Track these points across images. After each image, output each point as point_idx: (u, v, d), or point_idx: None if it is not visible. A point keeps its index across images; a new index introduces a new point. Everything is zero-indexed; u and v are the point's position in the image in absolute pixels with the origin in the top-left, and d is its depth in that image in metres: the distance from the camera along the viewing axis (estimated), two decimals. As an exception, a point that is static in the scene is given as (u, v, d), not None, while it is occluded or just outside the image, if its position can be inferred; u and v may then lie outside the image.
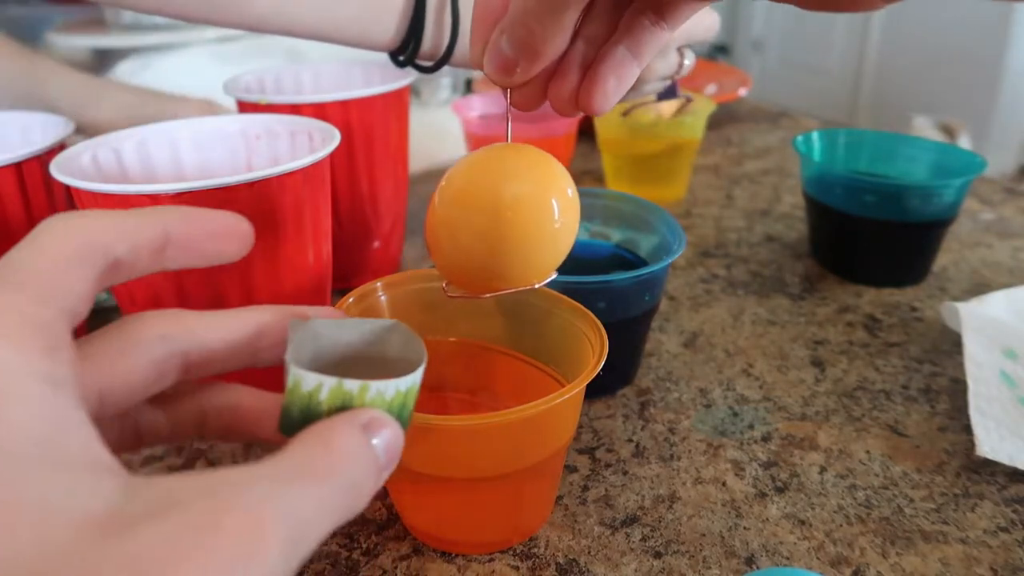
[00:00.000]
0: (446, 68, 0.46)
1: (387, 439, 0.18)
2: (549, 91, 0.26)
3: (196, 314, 0.21)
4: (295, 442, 0.17)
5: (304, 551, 0.15)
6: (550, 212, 0.25)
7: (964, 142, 1.85)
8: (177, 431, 0.22)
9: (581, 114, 0.26)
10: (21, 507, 0.13)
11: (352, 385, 0.19)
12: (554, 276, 0.27)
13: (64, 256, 0.17)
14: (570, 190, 0.26)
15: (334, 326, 0.22)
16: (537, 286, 0.27)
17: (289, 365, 0.19)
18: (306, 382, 0.19)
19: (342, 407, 0.19)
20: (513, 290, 0.27)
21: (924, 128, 1.89)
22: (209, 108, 0.63)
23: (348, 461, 0.17)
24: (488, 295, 0.27)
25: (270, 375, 0.23)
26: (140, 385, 0.19)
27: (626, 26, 0.25)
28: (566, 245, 0.27)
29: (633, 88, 0.47)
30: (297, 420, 0.19)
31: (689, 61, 0.52)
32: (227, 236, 0.21)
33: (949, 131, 1.85)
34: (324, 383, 0.19)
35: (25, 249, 0.17)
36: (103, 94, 0.61)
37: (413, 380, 0.20)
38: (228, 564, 0.13)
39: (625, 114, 0.64)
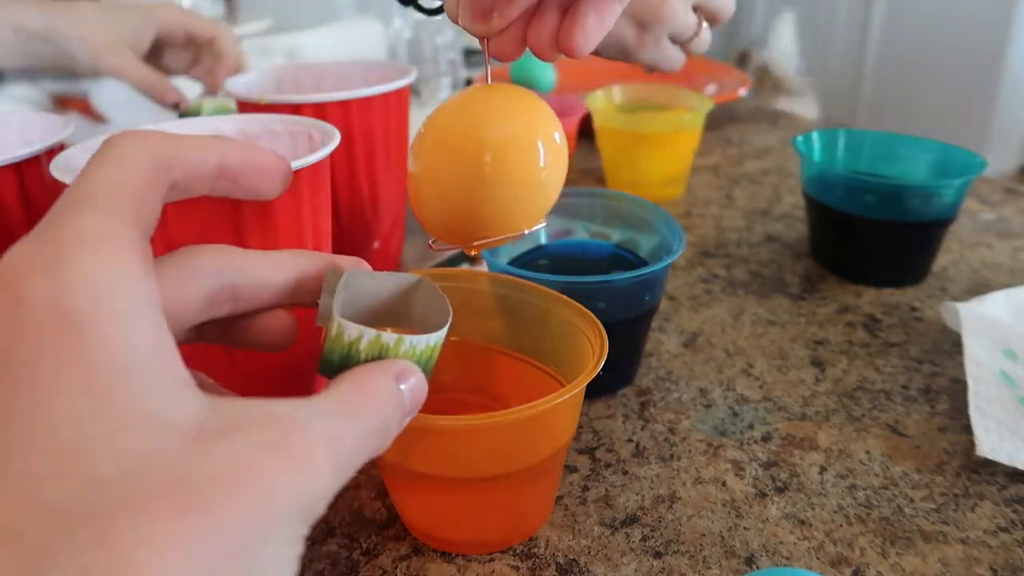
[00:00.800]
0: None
1: (413, 386, 0.20)
2: (528, 35, 0.25)
3: (244, 252, 0.22)
4: (340, 383, 0.19)
5: (346, 476, 0.17)
6: (536, 154, 0.24)
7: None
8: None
9: (561, 56, 0.25)
10: (131, 414, 0.15)
11: (389, 338, 0.21)
12: (543, 224, 0.26)
13: (141, 176, 0.18)
14: (557, 134, 0.25)
15: (366, 277, 0.24)
16: (527, 232, 0.26)
17: (335, 315, 0.20)
18: (348, 332, 0.20)
19: (378, 356, 0.21)
20: (502, 237, 0.26)
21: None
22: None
23: (382, 405, 0.19)
24: (476, 244, 0.26)
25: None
26: (194, 313, 0.20)
27: None
28: (554, 189, 0.26)
29: (649, 45, 0.45)
30: (337, 364, 0.20)
31: (707, 35, 0.49)
32: (270, 173, 0.22)
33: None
34: (364, 334, 0.20)
35: (101, 167, 0.18)
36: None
37: (440, 335, 0.22)
38: (292, 475, 0.15)
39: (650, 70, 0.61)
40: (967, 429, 0.36)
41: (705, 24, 0.48)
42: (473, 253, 0.27)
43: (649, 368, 0.43)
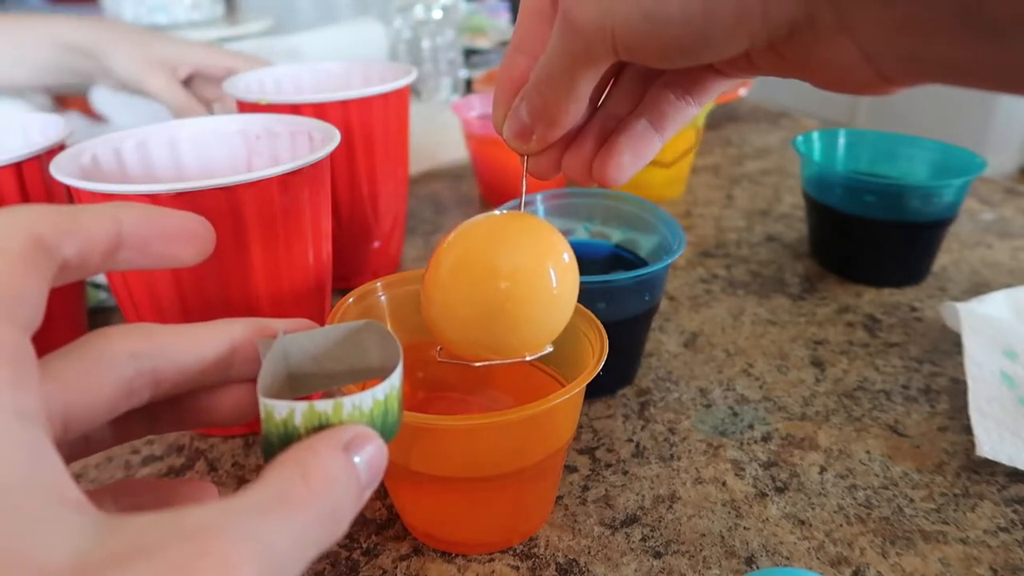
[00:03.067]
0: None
1: (369, 455, 0.17)
2: (565, 160, 0.26)
3: (167, 329, 0.20)
4: (272, 468, 0.16)
5: None
6: (548, 285, 0.25)
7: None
8: (125, 435, 0.21)
9: (595, 185, 0.26)
10: None
11: (325, 405, 0.18)
12: (550, 349, 0.27)
13: (16, 264, 0.15)
14: (566, 255, 0.26)
15: (304, 339, 0.22)
16: (528, 359, 0.27)
17: (259, 395, 0.18)
18: (278, 411, 0.18)
19: (320, 427, 0.18)
20: (505, 361, 0.27)
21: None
22: (255, 61, 0.64)
23: (328, 486, 0.16)
24: (479, 364, 0.27)
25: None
26: (107, 406, 0.18)
27: (651, 100, 0.25)
28: (563, 316, 0.26)
29: None
30: (277, 447, 0.18)
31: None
32: (185, 239, 0.19)
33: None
34: (295, 408, 0.18)
35: None
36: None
37: (391, 385, 0.19)
38: None
39: None
40: (967, 429, 0.36)
41: None
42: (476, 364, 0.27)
43: (649, 368, 0.43)
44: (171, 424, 0.22)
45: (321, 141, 0.37)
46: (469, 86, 0.96)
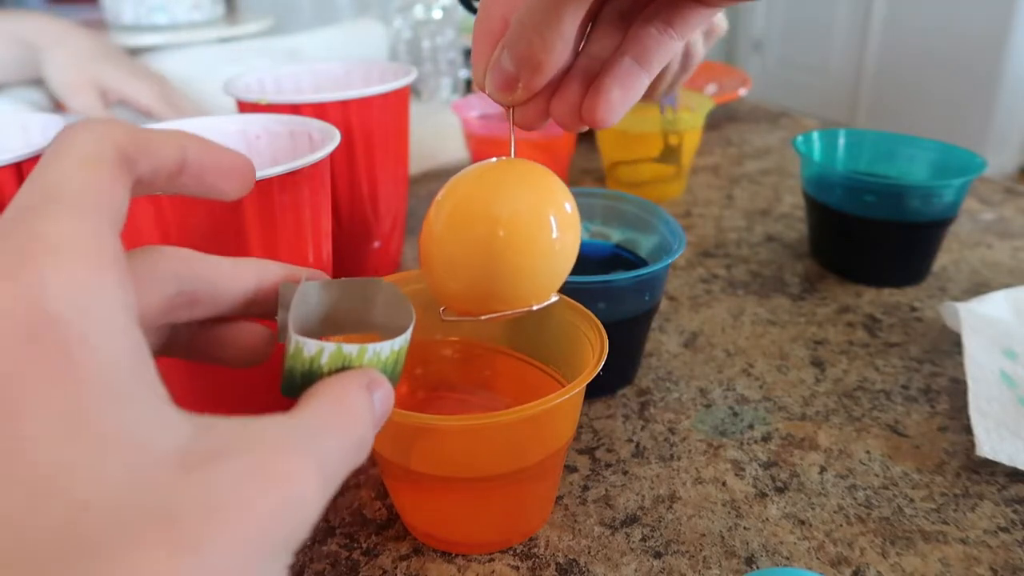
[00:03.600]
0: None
1: (382, 397, 0.20)
2: (552, 106, 0.25)
3: (204, 257, 0.21)
4: (316, 398, 0.18)
5: (331, 493, 0.17)
6: (548, 229, 0.24)
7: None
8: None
9: (585, 128, 0.26)
10: (115, 439, 0.14)
11: (351, 349, 0.20)
12: (555, 298, 0.26)
13: (105, 172, 0.17)
14: (568, 205, 0.25)
15: (323, 288, 0.23)
16: (536, 308, 0.26)
17: (290, 333, 0.20)
18: (308, 348, 0.19)
19: (341, 368, 0.20)
20: (511, 312, 0.26)
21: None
22: (160, 89, 0.64)
23: (360, 417, 0.18)
24: (485, 317, 0.26)
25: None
26: (152, 317, 0.19)
27: (633, 37, 0.24)
28: (566, 263, 0.26)
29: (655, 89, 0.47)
30: (300, 382, 0.20)
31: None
32: (234, 174, 0.21)
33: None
34: (325, 348, 0.20)
35: (61, 164, 0.16)
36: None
37: (404, 339, 0.22)
38: (281, 506, 0.15)
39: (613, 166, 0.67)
40: (967, 429, 0.36)
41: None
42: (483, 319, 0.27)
43: (649, 368, 0.43)
44: (184, 350, 0.23)
45: (321, 141, 0.37)
46: (469, 86, 0.96)
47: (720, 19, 0.54)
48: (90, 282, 0.15)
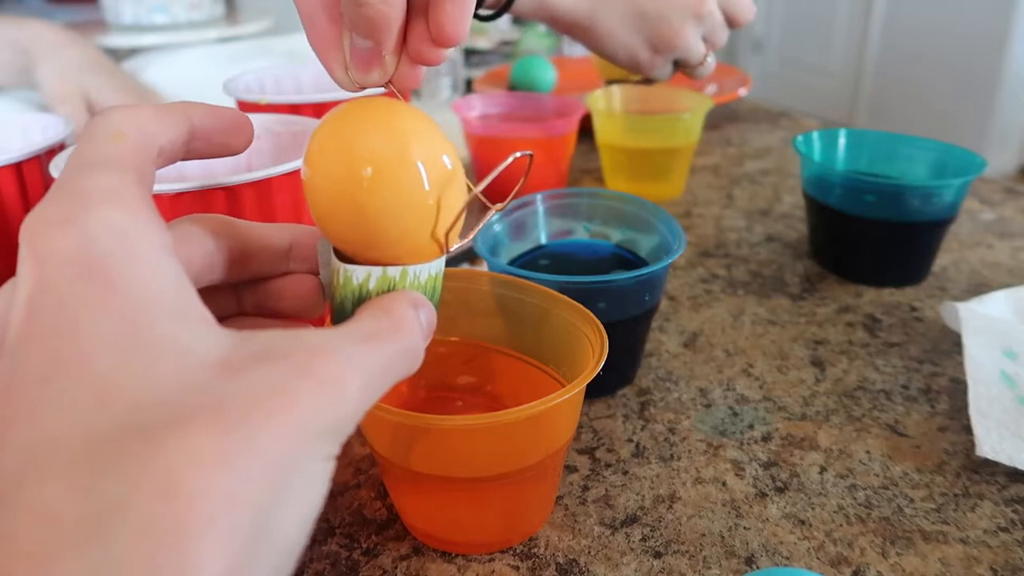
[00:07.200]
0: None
1: (426, 315, 0.21)
2: (408, 47, 0.25)
3: (235, 221, 0.23)
4: (363, 312, 0.20)
5: (374, 398, 0.18)
6: (416, 176, 0.22)
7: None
8: None
9: (444, 52, 0.24)
10: (162, 346, 0.16)
11: (394, 271, 0.22)
12: (435, 261, 0.24)
13: (136, 144, 0.19)
14: (447, 158, 0.22)
15: None
16: (411, 267, 0.23)
17: (338, 265, 0.22)
18: (356, 276, 0.22)
19: (387, 291, 0.22)
20: (391, 267, 0.23)
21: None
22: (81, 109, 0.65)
23: (408, 328, 0.20)
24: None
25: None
26: (199, 269, 0.21)
27: None
28: (443, 222, 0.23)
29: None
30: (351, 310, 0.22)
31: (711, 63, 0.62)
32: (237, 130, 0.22)
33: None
34: (372, 273, 0.22)
35: (97, 140, 0.19)
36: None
37: (440, 263, 0.24)
38: (321, 400, 0.16)
39: (608, 83, 0.70)
40: (967, 429, 0.36)
41: (711, 56, 0.62)
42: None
43: (649, 368, 0.43)
44: (255, 308, 0.25)
45: (321, 141, 0.37)
46: (469, 86, 0.96)
47: (746, 3, 0.60)
48: (128, 223, 0.17)
